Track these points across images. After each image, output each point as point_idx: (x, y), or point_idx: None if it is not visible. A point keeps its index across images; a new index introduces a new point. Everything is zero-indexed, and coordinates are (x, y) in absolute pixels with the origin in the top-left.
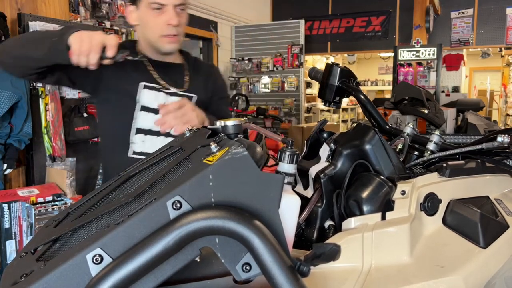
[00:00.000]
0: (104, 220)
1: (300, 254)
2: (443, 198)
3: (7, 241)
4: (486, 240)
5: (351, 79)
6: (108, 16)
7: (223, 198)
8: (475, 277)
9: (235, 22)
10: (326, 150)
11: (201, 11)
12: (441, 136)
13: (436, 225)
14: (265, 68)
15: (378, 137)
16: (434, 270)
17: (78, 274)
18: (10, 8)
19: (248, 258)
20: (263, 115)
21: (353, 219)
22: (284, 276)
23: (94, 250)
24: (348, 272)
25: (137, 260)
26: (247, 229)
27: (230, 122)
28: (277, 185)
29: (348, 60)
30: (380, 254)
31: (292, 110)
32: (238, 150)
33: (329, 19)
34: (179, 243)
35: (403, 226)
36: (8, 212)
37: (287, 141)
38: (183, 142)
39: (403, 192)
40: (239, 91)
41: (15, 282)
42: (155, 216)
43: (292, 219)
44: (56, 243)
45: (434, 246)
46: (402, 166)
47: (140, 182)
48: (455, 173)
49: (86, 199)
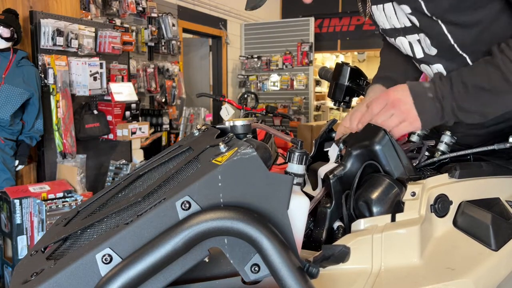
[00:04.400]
0: (113, 220)
1: (309, 255)
2: (453, 199)
3: (19, 236)
4: (497, 242)
5: (361, 79)
6: (119, 14)
7: (232, 199)
8: (486, 280)
9: (245, 20)
10: (335, 151)
11: (211, 9)
12: (452, 137)
13: (446, 227)
14: (275, 66)
15: (388, 137)
16: (444, 273)
17: (88, 273)
18: (22, 6)
19: (256, 259)
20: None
21: (363, 221)
22: (293, 278)
23: (103, 250)
24: (357, 274)
25: (146, 260)
26: (256, 230)
27: (239, 122)
28: (286, 186)
29: (358, 58)
30: (389, 256)
31: (301, 108)
32: (247, 150)
33: (339, 17)
34: (188, 244)
35: (413, 228)
36: (20, 208)
37: (296, 142)
38: (192, 142)
39: (413, 193)
40: (248, 89)
41: (26, 280)
42: (164, 216)
43: (301, 220)
44: (66, 242)
45: (445, 248)
46: (412, 167)
47: (149, 181)
48: (465, 175)
49: (96, 197)
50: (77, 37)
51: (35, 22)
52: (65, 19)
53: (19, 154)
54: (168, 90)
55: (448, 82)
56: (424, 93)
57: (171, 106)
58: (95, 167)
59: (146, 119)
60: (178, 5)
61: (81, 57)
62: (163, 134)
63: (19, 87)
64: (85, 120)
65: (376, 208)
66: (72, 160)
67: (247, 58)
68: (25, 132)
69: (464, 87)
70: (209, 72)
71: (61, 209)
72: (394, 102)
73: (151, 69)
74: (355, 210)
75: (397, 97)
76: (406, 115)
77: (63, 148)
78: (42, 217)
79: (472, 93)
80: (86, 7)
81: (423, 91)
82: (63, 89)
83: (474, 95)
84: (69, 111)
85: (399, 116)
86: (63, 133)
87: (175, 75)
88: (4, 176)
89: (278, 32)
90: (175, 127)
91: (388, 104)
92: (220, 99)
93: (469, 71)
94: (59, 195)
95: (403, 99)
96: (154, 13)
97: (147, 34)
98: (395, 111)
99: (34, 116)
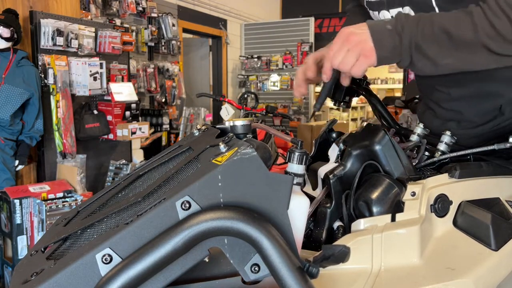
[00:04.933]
0: (113, 220)
1: (309, 255)
2: (453, 199)
3: (19, 236)
4: (497, 242)
5: (361, 79)
6: (119, 14)
7: (232, 199)
8: (486, 280)
9: (245, 19)
10: (335, 151)
11: (211, 8)
12: (452, 137)
13: (446, 227)
14: (275, 66)
15: (388, 137)
16: (444, 273)
17: (88, 273)
18: (22, 5)
19: (256, 259)
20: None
21: (363, 221)
22: (293, 278)
23: (103, 250)
24: (357, 273)
25: (146, 260)
26: (256, 230)
27: (239, 122)
28: (286, 186)
29: None
30: (389, 256)
31: (301, 108)
32: (247, 150)
33: (339, 17)
34: (188, 244)
35: (413, 228)
36: (20, 208)
37: (296, 142)
38: (192, 142)
39: (413, 193)
40: (248, 89)
41: (26, 280)
42: (164, 216)
43: (301, 220)
44: (66, 242)
45: (445, 248)
46: (412, 167)
47: (149, 181)
48: (465, 175)
49: (96, 197)
50: (77, 37)
51: (35, 22)
52: (65, 19)
53: (19, 154)
54: (168, 90)
55: (416, 17)
56: (382, 25)
57: (171, 106)
58: (95, 167)
59: (146, 119)
60: (178, 5)
61: (81, 57)
62: (163, 134)
63: (19, 87)
64: (85, 120)
65: (376, 208)
66: (72, 160)
67: (247, 58)
68: (25, 132)
69: (431, 24)
70: (209, 72)
71: (61, 209)
72: (349, 35)
73: (151, 69)
74: (355, 210)
75: (352, 30)
76: (361, 48)
77: (63, 148)
78: (42, 217)
79: (437, 33)
80: (86, 7)
81: (382, 24)
82: (63, 89)
83: (438, 36)
84: (69, 111)
85: (355, 51)
86: (63, 133)
87: (175, 75)
88: (4, 176)
89: (278, 32)
90: (175, 127)
91: (344, 40)
92: (220, 99)
93: (441, 13)
94: (59, 195)
95: (358, 32)
96: (154, 13)
97: (147, 34)
98: (350, 46)
99: (34, 116)
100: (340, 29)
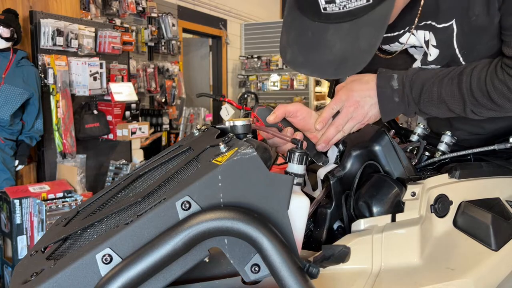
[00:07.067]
0: (113, 220)
1: (309, 255)
2: (454, 199)
3: (18, 236)
4: (497, 242)
5: None
6: (119, 14)
7: (232, 199)
8: (486, 280)
9: (245, 19)
10: (335, 151)
11: (211, 8)
12: (452, 137)
13: (446, 227)
14: (275, 66)
15: (388, 138)
16: (444, 273)
17: (88, 273)
18: (22, 5)
19: (257, 259)
20: None
21: (363, 221)
22: (293, 278)
23: (103, 250)
24: (357, 274)
25: (146, 260)
26: (256, 230)
27: (239, 122)
28: (286, 186)
29: None
30: (390, 256)
31: None
32: (247, 150)
33: None
34: (188, 244)
35: (413, 228)
36: (20, 208)
37: (296, 142)
38: (192, 142)
39: (413, 193)
40: (248, 89)
41: (26, 280)
42: (164, 216)
43: (301, 220)
44: (66, 242)
45: (445, 248)
46: (412, 167)
47: (149, 181)
48: (465, 175)
49: (96, 197)
50: (77, 37)
51: (35, 22)
52: (65, 19)
53: (19, 154)
54: (168, 90)
55: (419, 88)
56: (390, 96)
57: (171, 106)
58: (95, 167)
59: (146, 119)
60: (178, 5)
61: (81, 57)
62: (163, 134)
63: (19, 87)
64: (85, 120)
65: (376, 208)
66: (72, 160)
67: (247, 58)
68: (25, 132)
69: (430, 97)
70: (209, 72)
71: (61, 209)
72: (356, 108)
73: (151, 69)
74: (355, 210)
75: (360, 100)
76: (368, 121)
77: (63, 148)
78: (42, 217)
79: (436, 103)
80: (86, 7)
81: (390, 94)
82: (63, 89)
83: (437, 104)
84: (69, 111)
85: (362, 124)
86: (63, 133)
87: (175, 75)
88: (4, 176)
89: (278, 32)
90: (175, 127)
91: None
92: (220, 99)
93: (440, 82)
94: (59, 195)
95: (367, 102)
96: (154, 13)
97: (147, 34)
98: (358, 120)
99: (34, 116)
100: (350, 84)
